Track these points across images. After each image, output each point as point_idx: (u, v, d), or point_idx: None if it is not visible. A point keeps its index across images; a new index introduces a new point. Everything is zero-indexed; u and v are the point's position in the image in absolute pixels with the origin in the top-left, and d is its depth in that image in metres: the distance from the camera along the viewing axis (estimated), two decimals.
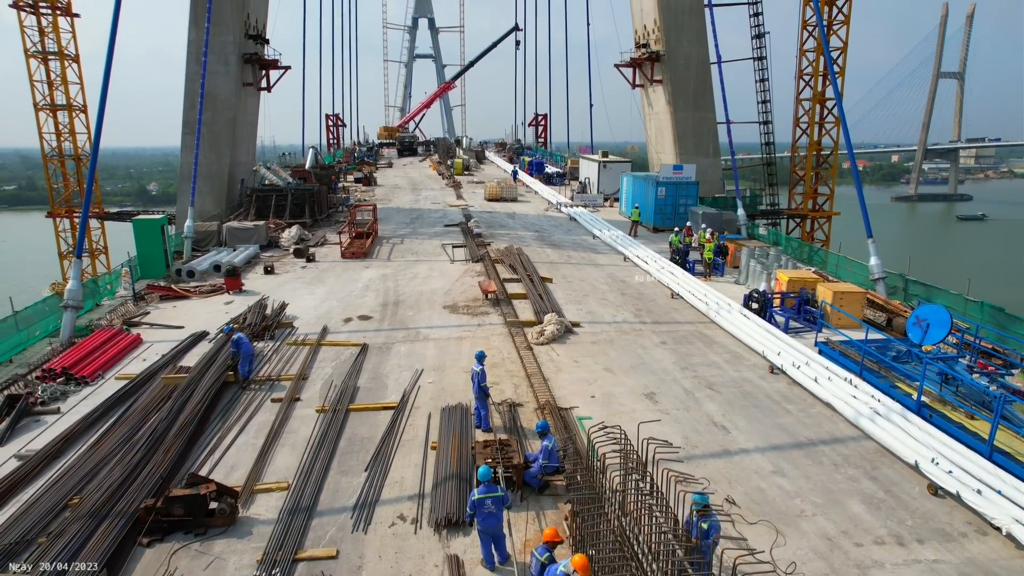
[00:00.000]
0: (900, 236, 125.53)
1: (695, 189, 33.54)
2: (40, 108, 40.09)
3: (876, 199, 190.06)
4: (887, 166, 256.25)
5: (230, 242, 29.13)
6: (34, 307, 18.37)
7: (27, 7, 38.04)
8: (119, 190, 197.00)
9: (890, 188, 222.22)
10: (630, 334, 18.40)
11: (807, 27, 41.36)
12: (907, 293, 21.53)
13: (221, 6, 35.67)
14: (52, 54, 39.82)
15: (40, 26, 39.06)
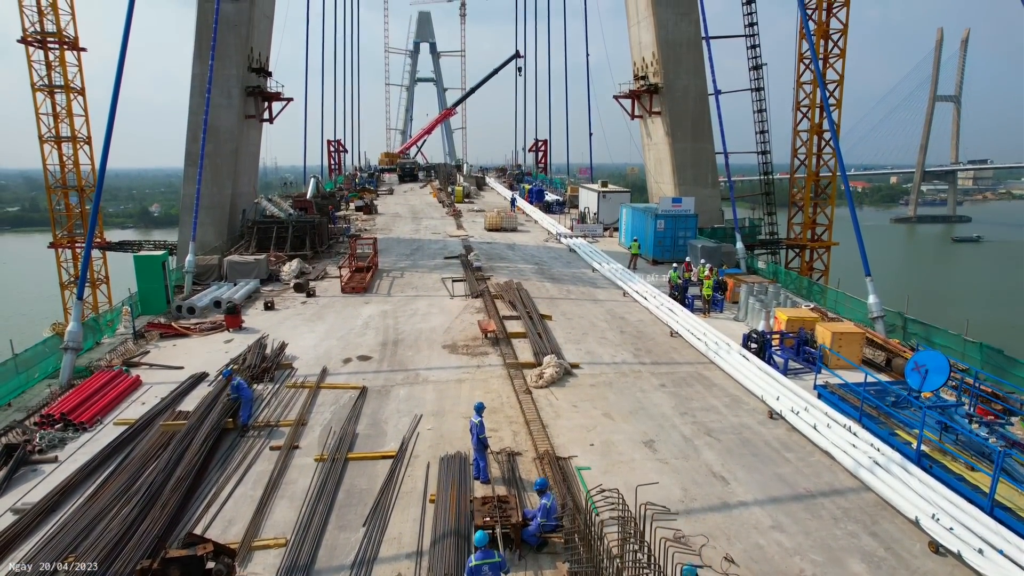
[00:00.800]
0: (898, 259, 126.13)
1: (694, 222, 33.74)
2: (45, 140, 40.51)
3: (875, 220, 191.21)
4: (886, 187, 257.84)
5: (231, 276, 29.24)
6: (34, 349, 18.41)
7: (35, 42, 38.62)
8: (121, 212, 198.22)
9: (889, 209, 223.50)
10: (629, 376, 18.40)
11: (803, 60, 41.93)
12: (906, 331, 21.55)
13: (225, 42, 36.22)
14: (58, 87, 40.36)
15: (48, 60, 39.64)
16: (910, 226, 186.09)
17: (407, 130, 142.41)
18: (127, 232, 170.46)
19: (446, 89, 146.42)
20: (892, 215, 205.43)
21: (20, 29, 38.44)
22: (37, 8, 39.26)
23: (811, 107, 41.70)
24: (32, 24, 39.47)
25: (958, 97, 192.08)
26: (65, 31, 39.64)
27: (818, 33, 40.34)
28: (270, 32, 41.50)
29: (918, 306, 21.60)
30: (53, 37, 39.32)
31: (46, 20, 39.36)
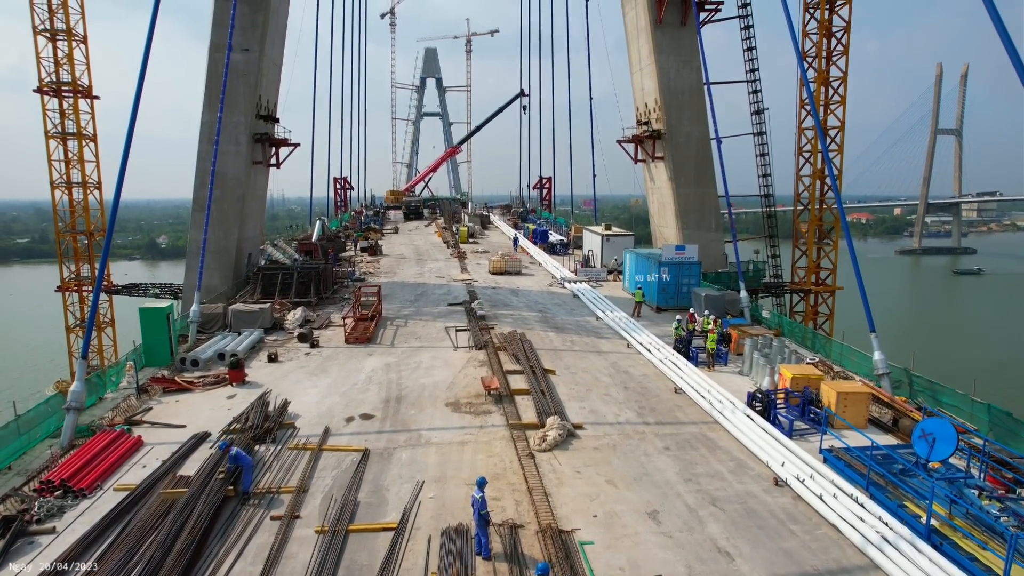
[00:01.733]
0: (901, 291, 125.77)
1: (698, 269, 33.78)
2: (56, 186, 41.12)
3: (880, 252, 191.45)
4: (890, 219, 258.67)
5: (235, 325, 29.31)
6: (37, 408, 18.40)
7: (51, 92, 39.49)
8: (129, 243, 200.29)
9: (894, 241, 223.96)
10: (633, 438, 18.24)
11: (804, 106, 42.45)
12: (912, 388, 21.37)
13: (234, 90, 36.99)
14: (71, 134, 41.10)
15: (62, 109, 40.46)
16: (915, 258, 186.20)
17: (413, 163, 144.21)
18: (134, 264, 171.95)
19: (452, 123, 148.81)
20: (897, 247, 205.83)
21: (36, 79, 39.43)
22: (54, 59, 40.25)
23: (813, 152, 42.06)
24: (48, 74, 40.43)
25: (959, 130, 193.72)
26: (80, 80, 40.54)
27: (818, 80, 40.92)
28: (278, 79, 42.36)
29: (921, 342, 21.45)
30: (68, 87, 40.21)
31: (62, 70, 40.33)
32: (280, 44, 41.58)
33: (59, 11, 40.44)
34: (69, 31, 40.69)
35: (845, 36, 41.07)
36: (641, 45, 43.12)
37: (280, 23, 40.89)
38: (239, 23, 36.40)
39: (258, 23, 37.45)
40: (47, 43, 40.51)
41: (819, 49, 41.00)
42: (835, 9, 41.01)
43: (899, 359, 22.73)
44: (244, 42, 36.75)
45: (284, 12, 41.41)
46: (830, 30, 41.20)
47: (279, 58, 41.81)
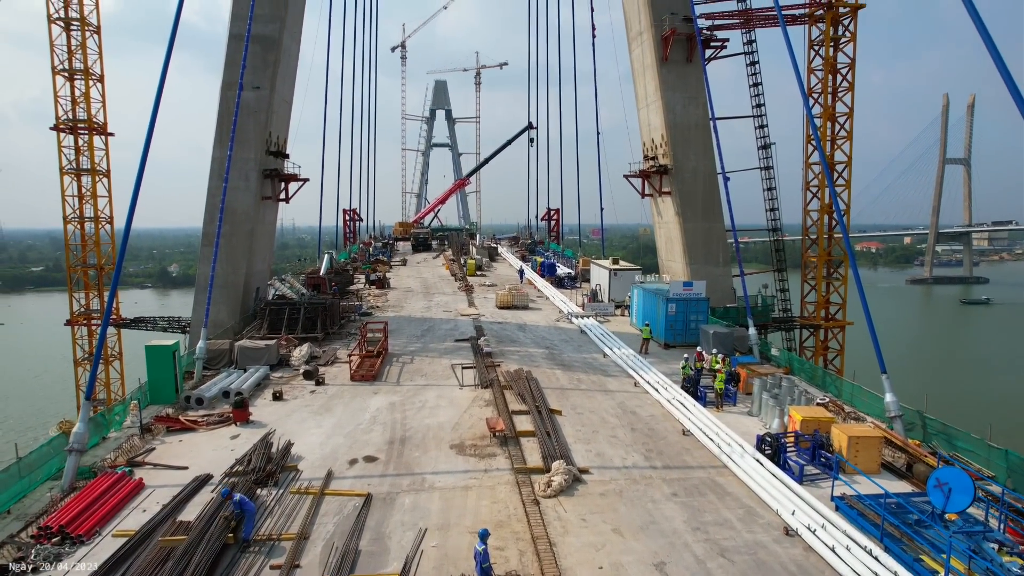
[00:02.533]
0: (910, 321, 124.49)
1: (705, 305, 33.56)
2: (69, 220, 41.63)
3: (891, 281, 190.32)
4: (900, 248, 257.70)
5: (241, 362, 29.26)
6: (39, 450, 18.31)
7: (67, 129, 40.23)
8: (141, 271, 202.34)
9: (904, 270, 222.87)
10: (640, 483, 17.89)
11: (811, 141, 42.57)
12: (926, 431, 20.93)
13: (245, 127, 37.52)
14: (85, 170, 41.75)
15: (77, 145, 41.18)
16: (926, 287, 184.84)
17: (423, 193, 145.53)
18: (145, 293, 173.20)
19: (461, 154, 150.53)
20: (908, 276, 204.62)
21: (54, 117, 40.25)
22: (71, 98, 41.11)
23: (820, 187, 42.04)
24: (65, 112, 41.24)
25: (967, 160, 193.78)
26: (95, 117, 41.31)
27: (824, 116, 41.10)
28: (289, 115, 42.99)
29: (930, 375, 20.93)
30: (84, 124, 40.98)
31: (78, 108, 41.16)
32: (291, 81, 42.29)
33: (77, 52, 41.48)
34: (87, 71, 41.64)
35: (850, 73, 41.35)
36: (647, 82, 43.54)
37: (291, 62, 41.64)
38: (251, 62, 37.11)
39: (269, 62, 38.15)
40: (65, 82, 41.48)
41: (824, 85, 41.27)
42: (839, 47, 41.38)
43: (910, 392, 22.38)
44: (255, 80, 37.39)
45: (295, 51, 42.20)
46: (835, 67, 41.51)
47: (289, 95, 42.49)
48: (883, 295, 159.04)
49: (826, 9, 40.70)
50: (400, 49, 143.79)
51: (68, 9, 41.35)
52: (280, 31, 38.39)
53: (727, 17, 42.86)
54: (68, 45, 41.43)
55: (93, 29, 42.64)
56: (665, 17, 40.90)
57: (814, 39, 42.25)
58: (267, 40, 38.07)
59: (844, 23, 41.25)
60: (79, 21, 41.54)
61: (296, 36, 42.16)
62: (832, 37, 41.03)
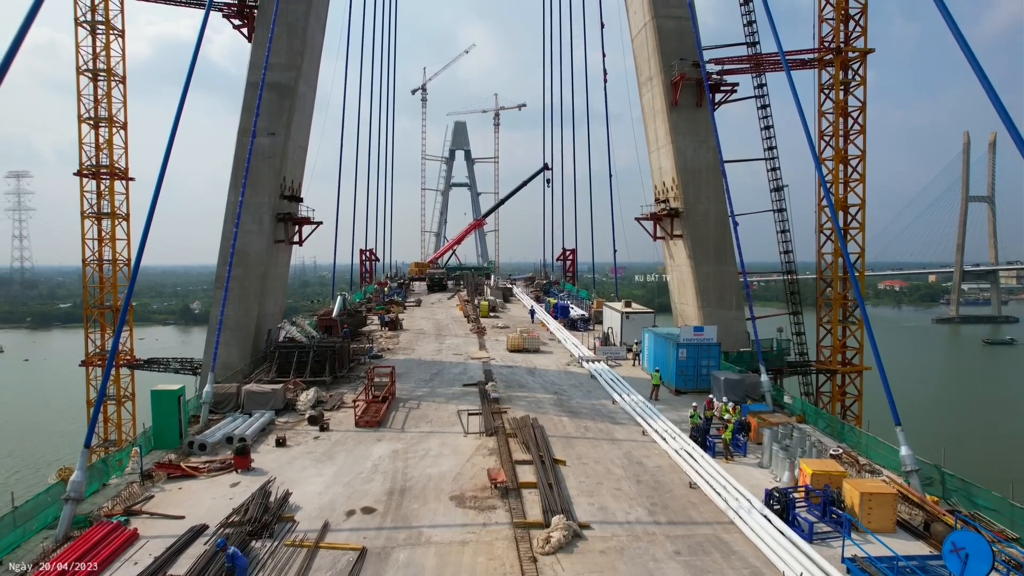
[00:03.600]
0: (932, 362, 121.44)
1: (717, 351, 33.01)
2: (88, 263, 42.47)
3: (916, 320, 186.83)
4: (925, 286, 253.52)
5: (248, 406, 29.20)
6: (35, 499, 18.23)
7: (89, 174, 41.42)
8: (164, 308, 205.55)
9: (930, 309, 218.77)
10: (642, 540, 17.30)
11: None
12: (944, 487, 20.11)
13: (259, 172, 38.31)
14: (105, 214, 42.76)
15: (99, 190, 42.31)
16: (952, 327, 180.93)
17: (442, 233, 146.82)
18: (167, 330, 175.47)
19: (480, 193, 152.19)
20: (934, 315, 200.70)
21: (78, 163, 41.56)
22: (95, 144, 42.47)
23: (832, 230, 41.62)
24: (89, 158, 42.54)
25: (991, 198, 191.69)
26: (117, 163, 42.52)
27: (836, 159, 40.95)
28: (303, 160, 43.84)
29: (951, 419, 20.06)
30: (106, 169, 42.18)
31: (102, 154, 42.46)
32: (306, 127, 43.25)
33: (103, 100, 42.99)
34: (111, 119, 43.07)
35: (861, 116, 41.30)
36: (658, 126, 43.87)
37: (307, 108, 42.66)
38: (266, 108, 38.12)
39: (285, 108, 39.12)
40: (90, 129, 42.89)
41: (835, 128, 41.22)
42: (850, 90, 41.44)
43: (931, 436, 21.57)
44: (270, 126, 38.30)
45: (311, 98, 43.26)
46: (846, 110, 41.51)
47: (304, 140, 43.39)
48: (907, 335, 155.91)
49: (835, 54, 40.92)
50: (421, 92, 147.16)
51: (96, 61, 43.03)
52: (296, 79, 39.44)
53: (737, 62, 43.27)
54: (95, 94, 42.99)
55: (118, 80, 44.27)
56: (674, 63, 41.39)
57: (824, 83, 42.42)
58: (283, 88, 39.10)
59: (854, 67, 41.40)
60: (106, 72, 43.18)
61: (312, 83, 43.28)
62: (842, 81, 41.14)
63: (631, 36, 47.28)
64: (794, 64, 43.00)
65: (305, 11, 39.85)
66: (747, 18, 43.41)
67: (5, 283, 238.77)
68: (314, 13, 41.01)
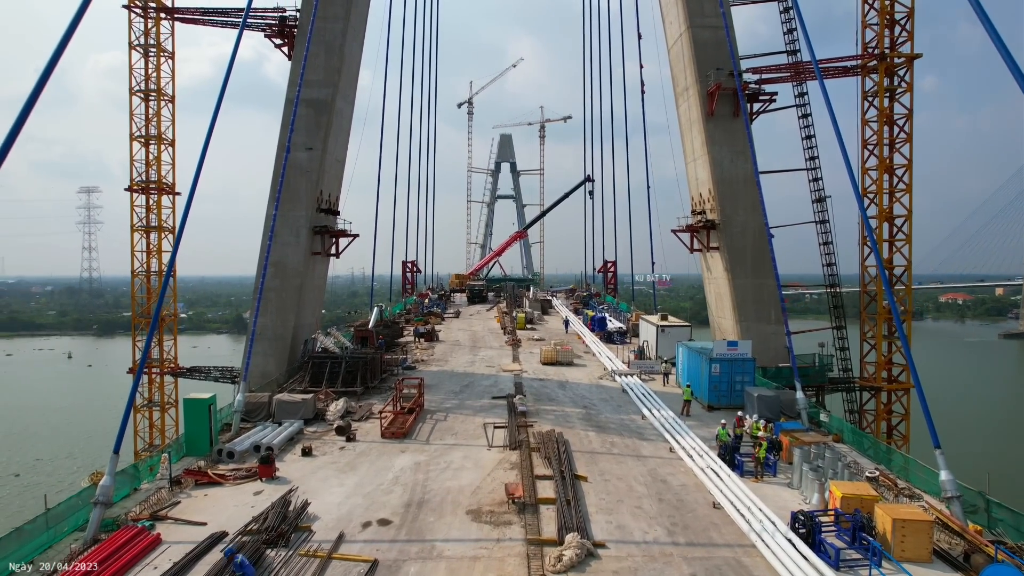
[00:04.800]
0: (994, 379, 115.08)
1: (751, 366, 32.04)
2: (136, 274, 44.23)
3: (980, 335, 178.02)
4: (991, 299, 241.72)
5: (279, 415, 29.74)
6: (67, 502, 18.90)
7: (139, 190, 43.27)
8: (219, 317, 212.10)
9: (996, 323, 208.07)
10: (658, 560, 16.80)
11: (867, 195, 40.86)
12: (989, 515, 18.93)
13: (297, 186, 39.23)
14: (153, 228, 44.53)
15: (148, 204, 44.14)
16: (1021, 343, 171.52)
17: (487, 244, 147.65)
18: (221, 339, 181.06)
19: (525, 205, 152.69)
20: (1000, 329, 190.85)
21: (128, 179, 43.58)
22: (145, 161, 44.46)
23: (879, 242, 40.06)
24: (139, 174, 44.51)
25: None
26: (164, 179, 44.37)
27: (880, 169, 39.49)
28: (341, 174, 44.73)
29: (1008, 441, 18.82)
30: (155, 185, 44.02)
31: (151, 170, 44.41)
32: (343, 142, 44.15)
33: (153, 119, 44.99)
34: (160, 136, 45.00)
35: (907, 123, 39.75)
36: (694, 137, 43.17)
37: (344, 123, 43.57)
38: (304, 124, 39.11)
39: (322, 124, 40.04)
40: (141, 147, 44.92)
41: (880, 137, 39.75)
42: (896, 97, 39.97)
43: (987, 463, 20.33)
44: (308, 141, 39.25)
45: (348, 113, 44.18)
46: (891, 118, 40.03)
47: (342, 154, 44.30)
48: (970, 350, 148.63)
49: (879, 60, 39.55)
50: (467, 105, 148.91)
51: (148, 82, 45.08)
52: (333, 95, 40.36)
53: (776, 71, 42.30)
54: (146, 113, 45.00)
55: (168, 99, 46.24)
56: (710, 73, 40.73)
57: (868, 90, 41.03)
58: (320, 103, 40.05)
59: (900, 73, 39.93)
60: (156, 92, 45.16)
61: (350, 99, 44.20)
62: (887, 88, 39.69)
63: (667, 47, 46.82)
64: (836, 71, 41.76)
65: (342, 29, 40.82)
66: (787, 26, 42.46)
67: (75, 292, 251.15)
68: (351, 31, 41.96)
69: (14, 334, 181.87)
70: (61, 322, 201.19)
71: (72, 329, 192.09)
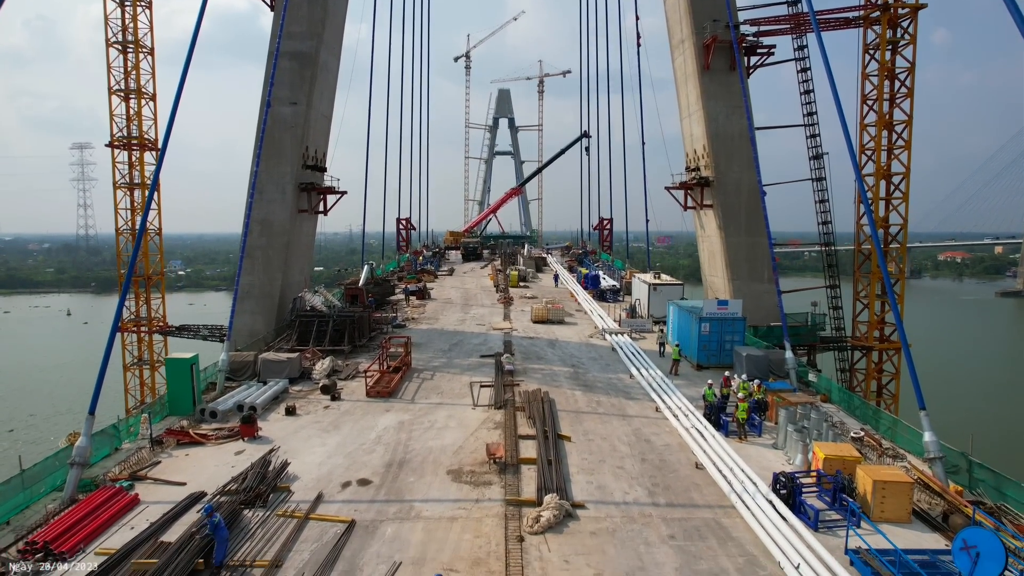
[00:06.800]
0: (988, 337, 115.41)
1: (741, 325, 31.76)
2: (121, 232, 43.56)
3: (977, 294, 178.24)
4: (990, 258, 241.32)
5: (264, 374, 29.54)
6: (43, 463, 18.75)
7: (121, 146, 42.19)
8: (217, 275, 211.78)
9: (994, 281, 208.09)
10: (637, 522, 16.74)
11: (865, 151, 39.94)
12: (971, 476, 18.86)
13: (282, 142, 38.27)
14: (137, 185, 43.68)
15: (130, 160, 43.19)
16: (1018, 300, 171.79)
17: (485, 201, 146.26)
18: (220, 295, 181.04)
19: (523, 162, 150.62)
20: (997, 287, 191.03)
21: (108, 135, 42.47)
22: (126, 116, 43.25)
23: (874, 200, 39.35)
24: (120, 130, 43.34)
25: None
26: (147, 134, 43.23)
27: (879, 125, 38.51)
28: (327, 130, 43.64)
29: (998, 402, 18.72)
30: (136, 141, 42.90)
31: (132, 125, 43.24)
32: (330, 96, 42.94)
33: (133, 72, 43.58)
34: (140, 90, 43.67)
35: (909, 78, 38.57)
36: (689, 91, 41.99)
37: (330, 77, 42.28)
38: (288, 78, 37.90)
39: (306, 77, 38.80)
40: (120, 101, 43.67)
41: (880, 92, 38.63)
42: (898, 50, 38.67)
43: (976, 423, 20.16)
44: (292, 96, 38.11)
45: (334, 67, 42.83)
46: (892, 72, 38.82)
47: (328, 109, 43.13)
48: (966, 308, 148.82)
49: (882, 11, 38.12)
50: (464, 59, 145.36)
51: (125, 33, 43.50)
52: (317, 48, 39.01)
53: (775, 22, 40.84)
54: (124, 66, 43.59)
55: (147, 51, 44.71)
56: (707, 24, 39.35)
57: (869, 43, 39.67)
58: (304, 56, 38.75)
59: (903, 25, 38.54)
60: (134, 44, 43.61)
61: (335, 52, 42.80)
62: (889, 40, 38.36)
63: None
64: (838, 23, 40.30)
65: None
66: None
67: (73, 250, 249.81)
68: None
69: (12, 291, 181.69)
70: (59, 279, 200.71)
71: (70, 286, 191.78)
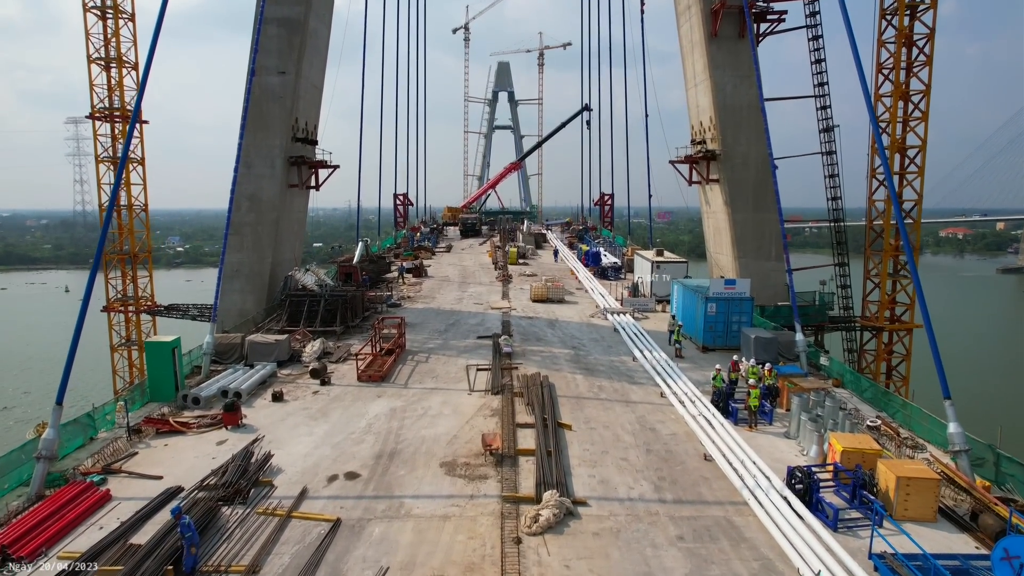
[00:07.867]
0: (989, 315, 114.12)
1: (749, 306, 30.43)
2: (104, 208, 41.99)
3: (980, 270, 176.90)
4: (991, 234, 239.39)
5: (252, 357, 28.29)
6: (8, 456, 17.56)
7: (103, 117, 40.45)
8: (216, 251, 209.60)
9: (995, 258, 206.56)
10: (643, 521, 15.59)
11: (880, 123, 38.24)
12: (999, 470, 17.70)
13: (270, 113, 36.56)
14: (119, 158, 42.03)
15: (113, 133, 41.46)
16: (1019, 277, 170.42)
17: (484, 176, 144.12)
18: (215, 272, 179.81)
19: (523, 136, 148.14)
20: (998, 264, 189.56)
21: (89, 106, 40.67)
22: (107, 87, 41.38)
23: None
24: (101, 100, 41.53)
25: None
26: (129, 106, 41.45)
27: (895, 95, 36.75)
28: (318, 101, 41.84)
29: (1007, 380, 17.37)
30: (119, 112, 41.12)
31: (114, 96, 41.42)
32: (320, 66, 41.06)
33: (112, 40, 41.63)
34: (120, 59, 41.75)
35: (928, 45, 36.71)
36: (696, 60, 40.14)
37: (320, 45, 40.36)
38: (275, 45, 36.09)
39: (295, 45, 36.93)
40: (100, 71, 41.81)
41: (896, 60, 36.81)
42: (917, 15, 36.76)
43: (979, 405, 18.96)
44: (280, 65, 36.31)
45: (324, 34, 40.89)
46: (910, 39, 36.96)
47: (319, 80, 41.29)
48: (966, 285, 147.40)
49: None
50: (463, 31, 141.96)
51: None
52: (306, 14, 37.04)
53: None
54: (104, 33, 41.62)
55: (127, 17, 42.66)
56: None
57: (887, 7, 37.73)
58: (292, 23, 36.82)
59: None
60: (113, 10, 41.57)
61: (325, 19, 40.83)
62: (908, 4, 36.43)
63: None
64: None
65: None
66: None
67: (70, 226, 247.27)
68: None
69: (10, 268, 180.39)
70: (57, 255, 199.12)
71: (68, 263, 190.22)
